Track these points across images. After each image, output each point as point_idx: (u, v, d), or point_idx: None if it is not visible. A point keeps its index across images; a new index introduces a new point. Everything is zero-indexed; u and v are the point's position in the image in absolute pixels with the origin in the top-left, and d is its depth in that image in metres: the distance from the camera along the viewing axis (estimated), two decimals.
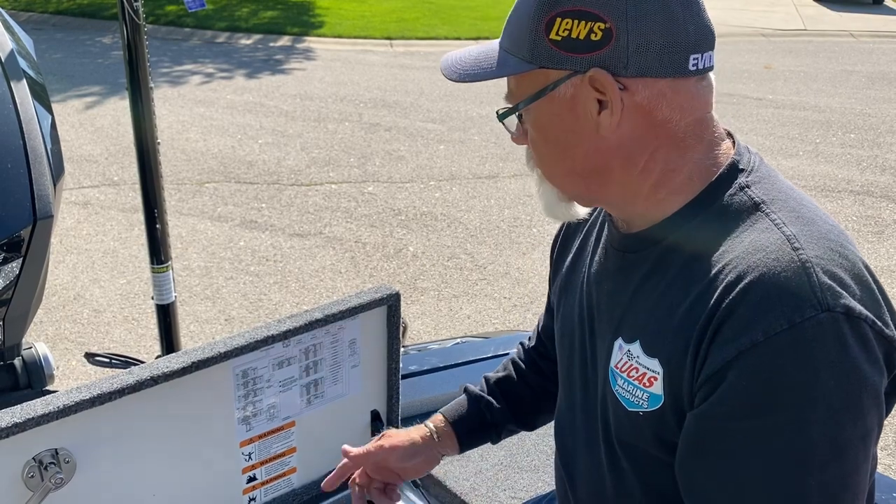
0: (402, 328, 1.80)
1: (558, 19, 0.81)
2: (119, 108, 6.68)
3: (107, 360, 1.76)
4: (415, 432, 1.19)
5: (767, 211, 0.83)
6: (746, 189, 0.85)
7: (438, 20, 11.14)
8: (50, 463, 1.05)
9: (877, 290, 0.79)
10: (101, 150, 5.93)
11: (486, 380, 1.25)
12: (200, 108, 7.08)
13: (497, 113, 0.91)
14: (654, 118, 0.84)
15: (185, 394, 1.17)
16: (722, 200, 0.85)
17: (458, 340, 1.88)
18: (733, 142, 0.90)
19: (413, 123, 6.88)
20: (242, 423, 1.26)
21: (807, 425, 0.74)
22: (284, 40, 10.09)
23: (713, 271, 0.80)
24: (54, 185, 1.49)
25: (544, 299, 1.23)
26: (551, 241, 1.16)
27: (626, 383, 0.88)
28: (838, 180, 5.73)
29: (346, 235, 4.75)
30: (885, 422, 0.83)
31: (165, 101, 7.18)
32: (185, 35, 10.20)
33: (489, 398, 1.21)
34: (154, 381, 1.10)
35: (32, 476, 1.05)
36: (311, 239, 4.69)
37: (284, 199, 5.23)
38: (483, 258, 4.52)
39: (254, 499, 1.33)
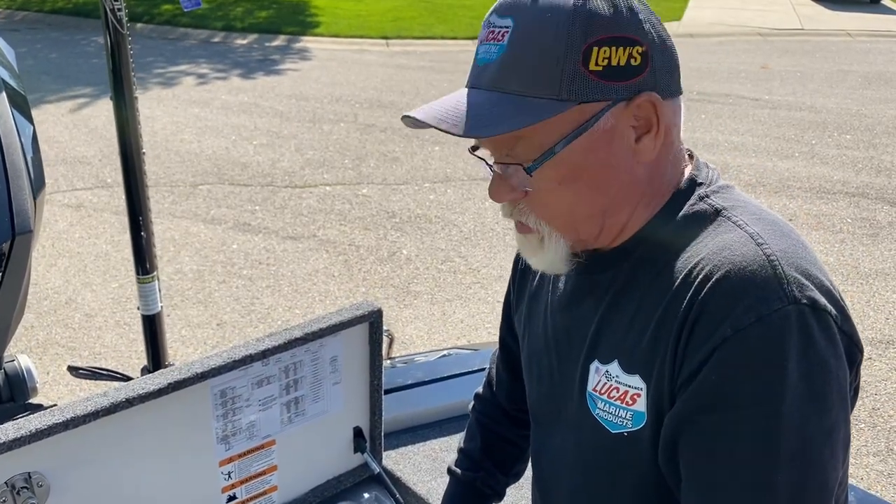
0: (388, 340, 1.79)
1: (595, 49, 0.77)
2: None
3: (90, 373, 1.75)
4: None
5: (728, 215, 0.83)
6: (706, 198, 0.86)
7: (435, 19, 11.11)
8: (23, 487, 1.04)
9: (834, 288, 0.80)
10: (94, 152, 5.91)
11: (466, 454, 1.23)
12: (195, 109, 7.06)
13: (521, 167, 0.81)
14: (669, 138, 0.85)
15: (162, 415, 1.16)
16: (684, 211, 0.85)
17: (445, 353, 1.86)
18: (692, 158, 0.90)
19: None
20: (221, 441, 1.25)
21: (774, 418, 0.73)
22: (280, 40, 10.07)
23: (683, 275, 0.80)
24: (34, 199, 1.47)
25: None
26: (511, 267, 1.13)
27: (608, 405, 0.87)
28: (834, 182, 5.72)
29: (340, 238, 4.73)
30: (876, 426, 0.82)
31: (160, 101, 7.16)
32: (180, 35, 10.18)
33: (480, 474, 1.20)
34: (129, 402, 1.09)
35: (4, 501, 1.04)
36: (305, 242, 4.68)
37: (278, 201, 5.21)
38: (477, 261, 4.51)
39: None
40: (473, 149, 0.89)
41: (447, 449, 1.56)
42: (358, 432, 1.43)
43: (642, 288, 0.85)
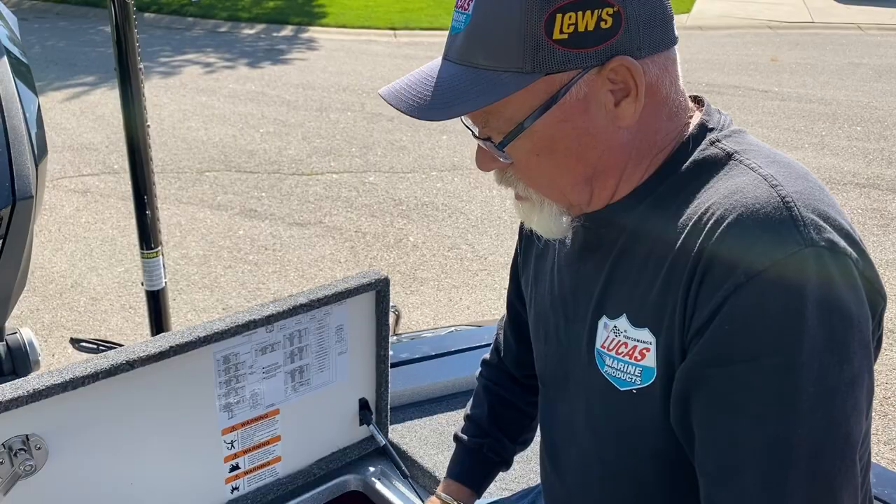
0: (395, 317, 1.76)
1: (559, 16, 0.73)
2: None
3: (93, 346, 1.73)
4: None
5: (741, 158, 0.80)
6: (717, 143, 0.82)
7: (443, 10, 11.06)
8: (20, 449, 1.02)
9: (854, 231, 0.76)
10: (101, 139, 5.90)
11: (473, 420, 1.20)
12: (202, 97, 7.03)
13: (492, 143, 0.80)
14: (658, 95, 0.81)
15: (163, 379, 1.14)
16: (693, 157, 0.82)
17: (452, 329, 1.84)
18: (702, 106, 0.87)
19: None
20: (224, 410, 1.23)
21: (791, 368, 0.70)
22: (287, 30, 10.04)
23: (692, 222, 0.77)
24: (36, 166, 1.45)
25: None
26: (518, 230, 1.11)
27: (616, 361, 0.84)
28: (844, 173, 5.66)
29: (347, 225, 4.71)
30: (887, 414, 0.79)
31: (167, 89, 7.14)
32: (187, 24, 10.15)
33: (487, 440, 1.17)
34: (130, 365, 1.07)
35: (1, 462, 1.02)
36: (311, 228, 4.65)
37: (285, 188, 5.19)
38: (484, 248, 4.48)
39: (237, 488, 1.29)
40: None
41: (454, 423, 1.53)
42: (364, 404, 1.40)
43: (650, 239, 0.82)
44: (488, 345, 1.66)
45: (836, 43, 10.43)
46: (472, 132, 0.84)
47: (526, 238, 1.07)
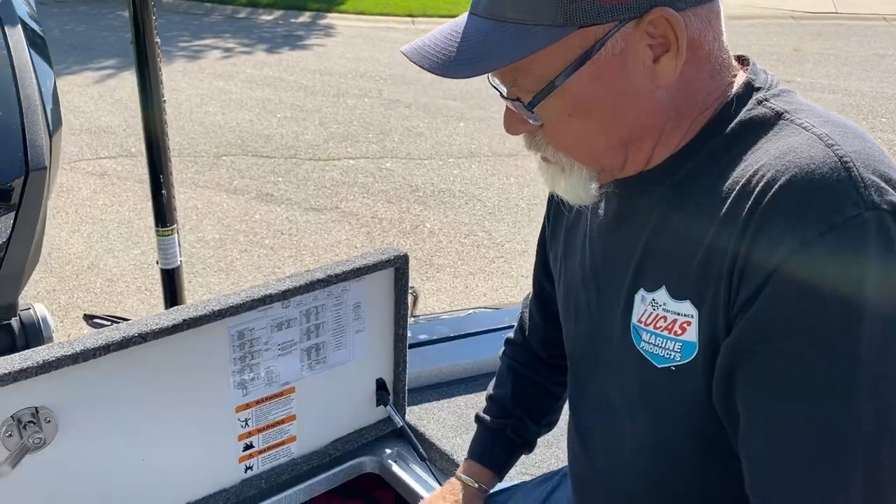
0: (412, 298, 1.72)
1: None
2: None
3: (107, 322, 1.70)
4: (457, 494, 1.11)
5: (792, 118, 0.74)
6: (765, 102, 0.76)
7: None
8: (29, 422, 0.99)
9: None
10: (119, 122, 5.90)
11: (496, 400, 1.16)
12: (220, 82, 7.02)
13: (521, 103, 0.75)
14: (700, 51, 0.75)
15: (176, 353, 1.11)
16: (739, 118, 0.76)
17: (471, 311, 1.80)
18: (747, 65, 0.81)
19: (433, 100, 6.78)
20: (238, 387, 1.19)
21: (850, 343, 0.64)
22: (305, 16, 10.00)
23: (739, 186, 0.71)
24: (50, 137, 1.42)
25: None
26: (546, 203, 1.06)
27: (654, 336, 0.79)
28: None
29: (363, 211, 4.68)
30: None
31: (185, 74, 7.13)
32: (205, 10, 10.14)
33: (510, 420, 1.13)
34: (142, 338, 1.04)
35: (10, 435, 0.99)
36: (327, 214, 4.63)
37: (301, 173, 5.17)
38: (501, 236, 4.44)
39: (250, 467, 1.26)
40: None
41: (473, 406, 1.49)
42: (381, 384, 1.37)
43: (692, 206, 0.76)
44: (509, 327, 1.61)
45: (861, 34, 10.25)
46: (500, 93, 0.79)
47: (555, 211, 1.02)
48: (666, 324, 0.77)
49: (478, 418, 1.16)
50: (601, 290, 0.88)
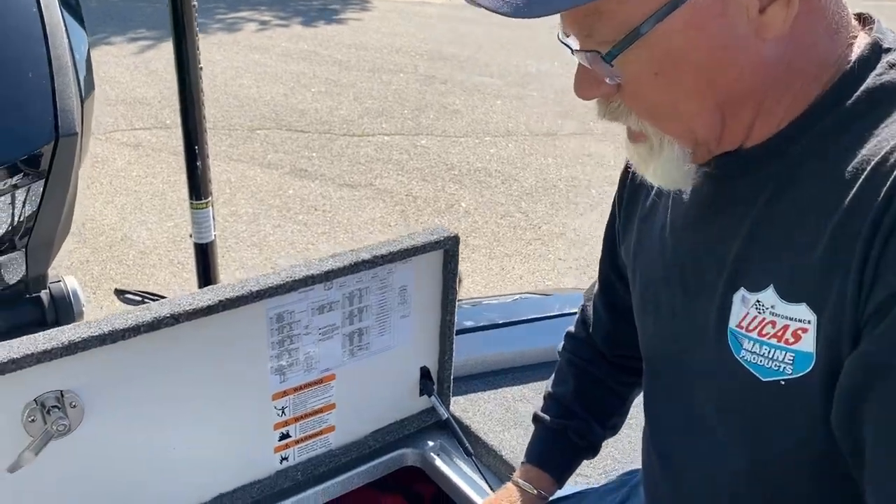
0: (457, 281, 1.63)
1: None
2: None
3: (138, 298, 1.64)
4: (514, 500, 1.01)
5: None
6: None
7: None
8: (53, 406, 0.92)
9: None
10: (154, 94, 5.87)
11: (556, 399, 1.05)
12: (255, 55, 6.96)
13: (598, 55, 0.64)
14: (815, 2, 0.64)
15: (210, 336, 1.03)
16: (866, 85, 0.65)
17: (517, 297, 1.70)
18: (869, 25, 0.69)
19: (469, 77, 6.65)
20: (276, 373, 1.11)
21: None
22: None
23: (871, 167, 0.61)
24: (82, 103, 1.34)
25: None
26: (617, 187, 0.94)
27: (759, 345, 0.68)
28: None
29: (397, 188, 4.60)
30: None
31: (220, 46, 7.08)
32: None
33: (572, 421, 1.02)
34: (174, 319, 0.96)
35: (33, 420, 0.92)
36: (361, 190, 4.55)
37: (335, 148, 5.10)
38: (538, 217, 4.33)
39: (286, 458, 1.19)
40: (565, 35, 0.69)
41: (522, 399, 1.41)
42: (425, 373, 1.28)
43: (806, 190, 0.65)
44: (560, 315, 1.53)
45: None
46: (570, 48, 0.68)
47: (629, 196, 0.90)
48: (775, 330, 0.66)
49: (536, 418, 1.06)
50: (687, 287, 0.77)
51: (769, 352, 0.67)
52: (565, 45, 0.68)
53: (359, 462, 1.25)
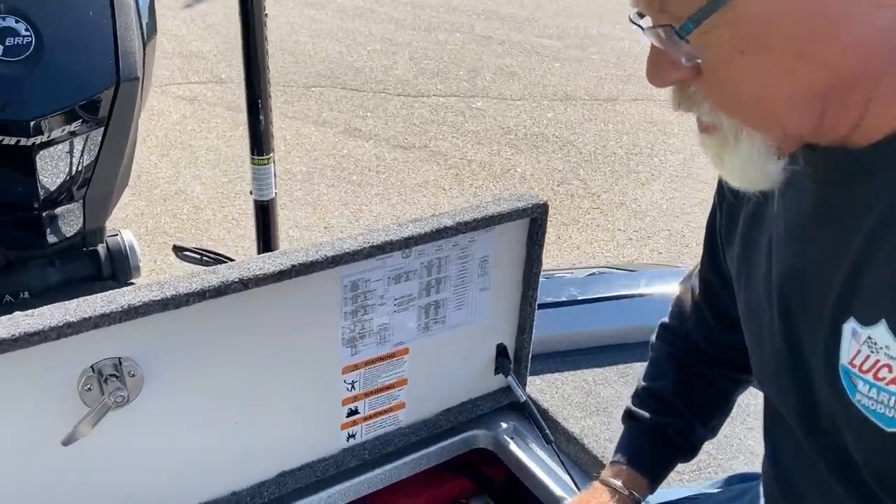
0: None
1: None
2: (231, 6, 6.52)
3: (197, 256, 1.57)
4: (605, 502, 0.89)
5: None
6: None
7: None
8: (111, 375, 0.84)
9: None
10: (210, 47, 5.82)
11: (654, 394, 0.94)
12: (310, 11, 6.85)
13: (673, 30, 0.54)
14: None
15: (280, 304, 0.94)
16: None
17: (595, 271, 1.58)
18: None
19: (527, 38, 6.45)
20: (348, 344, 1.03)
21: None
22: None
23: None
24: (144, 46, 1.26)
25: (662, 234, 0.90)
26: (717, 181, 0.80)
27: (877, 390, 0.56)
28: None
29: (452, 151, 4.48)
30: None
31: (276, 1, 6.98)
32: None
33: (673, 419, 0.91)
34: (243, 284, 0.87)
35: (90, 389, 0.85)
36: (415, 152, 4.46)
37: (390, 108, 4.99)
38: (597, 185, 4.18)
39: (353, 436, 1.11)
40: (639, 15, 0.59)
41: (604, 382, 1.30)
42: (502, 351, 1.18)
43: None
44: (645, 294, 1.41)
45: None
46: (641, 27, 0.57)
47: (730, 190, 0.76)
48: (893, 375, 0.54)
49: (630, 414, 0.95)
50: (792, 311, 0.65)
51: (888, 399, 0.55)
52: (637, 26, 0.58)
53: (429, 442, 1.16)
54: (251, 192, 1.83)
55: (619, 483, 0.89)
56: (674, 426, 0.91)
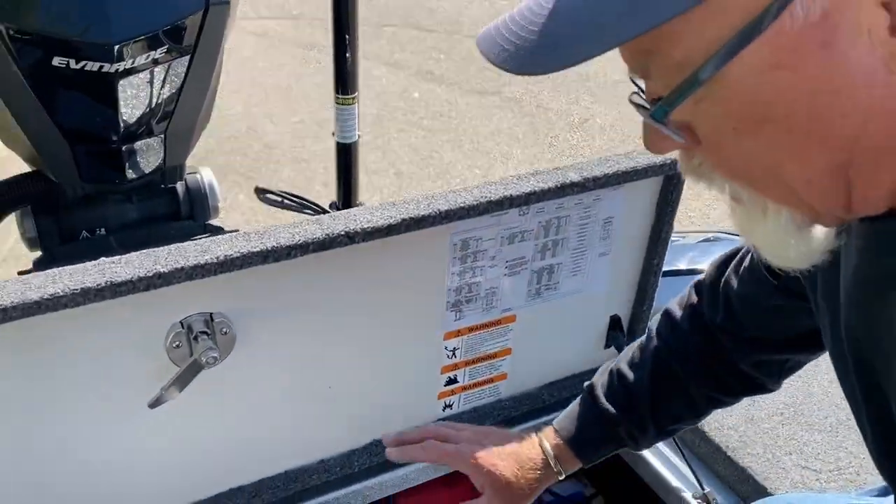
0: None
1: None
2: None
3: (279, 198, 1.48)
4: (537, 466, 0.84)
5: None
6: None
7: None
8: (202, 332, 0.76)
9: None
10: None
11: (626, 386, 0.85)
12: None
13: (656, 104, 0.47)
14: None
15: (384, 261, 0.84)
16: None
17: (709, 236, 1.44)
18: None
19: None
20: (452, 308, 0.92)
21: None
22: None
23: None
24: None
25: None
26: None
27: None
28: None
29: (527, 98, 4.31)
30: None
31: None
32: None
33: (631, 416, 0.84)
34: (349, 238, 0.77)
35: (178, 346, 0.76)
36: (489, 98, 4.29)
37: (464, 51, 4.81)
38: None
39: (450, 405, 1.01)
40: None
41: None
42: (616, 323, 1.07)
43: None
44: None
45: None
46: (639, 89, 0.52)
47: None
48: None
49: (592, 391, 0.86)
50: (863, 373, 0.57)
51: None
52: (634, 83, 0.53)
53: (528, 417, 1.06)
54: (333, 134, 1.72)
55: (552, 455, 0.84)
56: (628, 426, 0.84)
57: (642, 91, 0.52)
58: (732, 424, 1.04)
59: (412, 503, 1.05)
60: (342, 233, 0.76)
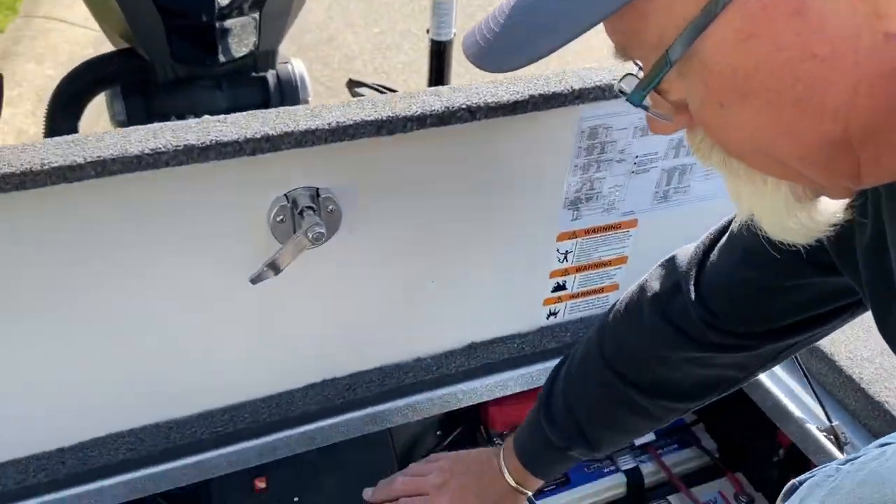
0: None
1: None
2: None
3: (372, 91, 1.40)
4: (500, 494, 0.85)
5: None
6: None
7: None
8: (307, 207, 0.69)
9: None
10: None
11: (570, 412, 0.80)
12: None
13: (624, 93, 0.47)
14: None
15: (503, 144, 0.76)
16: None
17: None
18: None
19: None
20: (570, 206, 0.84)
21: None
22: None
23: None
24: None
25: None
26: None
27: None
28: None
29: None
30: None
31: None
32: None
33: (579, 439, 0.80)
34: (470, 113, 0.69)
35: (282, 220, 0.70)
36: None
37: None
38: None
39: (554, 314, 0.94)
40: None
41: None
42: None
43: None
44: None
45: None
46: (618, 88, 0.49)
47: None
48: None
49: (539, 414, 0.81)
50: None
51: None
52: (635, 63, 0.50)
53: None
54: (427, 31, 1.62)
55: (514, 481, 0.84)
56: (580, 448, 0.80)
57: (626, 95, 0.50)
58: (868, 356, 0.94)
59: (502, 412, 1.00)
60: (463, 106, 0.68)
